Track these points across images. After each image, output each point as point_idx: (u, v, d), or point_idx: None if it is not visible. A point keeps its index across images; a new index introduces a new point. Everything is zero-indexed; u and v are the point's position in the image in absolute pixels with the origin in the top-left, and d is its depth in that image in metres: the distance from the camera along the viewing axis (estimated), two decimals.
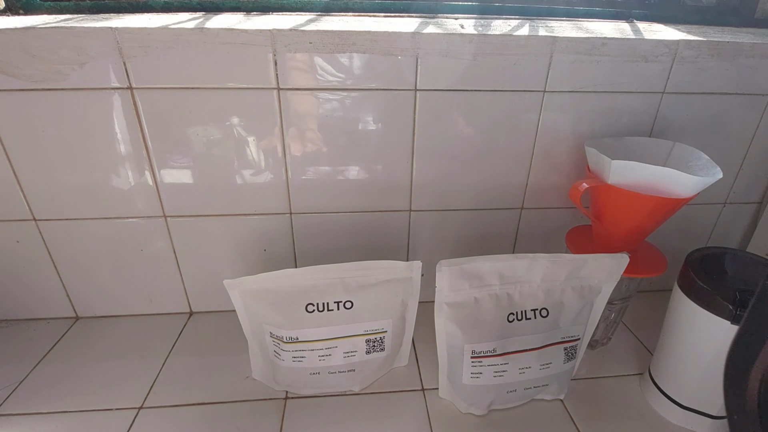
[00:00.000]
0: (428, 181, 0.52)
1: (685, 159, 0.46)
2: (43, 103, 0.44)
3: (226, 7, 0.50)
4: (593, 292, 0.44)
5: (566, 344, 0.44)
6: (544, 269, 0.42)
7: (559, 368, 0.45)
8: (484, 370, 0.43)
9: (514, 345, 0.43)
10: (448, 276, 0.41)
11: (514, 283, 0.42)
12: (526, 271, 0.42)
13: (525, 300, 0.43)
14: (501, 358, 0.43)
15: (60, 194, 0.48)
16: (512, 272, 0.42)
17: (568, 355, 0.45)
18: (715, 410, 0.42)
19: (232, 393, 0.46)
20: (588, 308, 0.45)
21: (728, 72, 0.49)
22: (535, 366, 0.44)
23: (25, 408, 0.44)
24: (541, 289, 0.43)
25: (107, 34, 0.41)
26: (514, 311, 0.43)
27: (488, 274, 0.42)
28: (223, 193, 0.50)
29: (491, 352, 0.43)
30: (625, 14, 0.55)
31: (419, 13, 0.52)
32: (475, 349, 0.43)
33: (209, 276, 0.55)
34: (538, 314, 0.43)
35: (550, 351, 0.44)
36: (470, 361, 0.43)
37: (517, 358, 0.43)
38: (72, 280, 0.54)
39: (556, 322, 0.44)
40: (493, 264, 0.41)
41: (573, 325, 0.44)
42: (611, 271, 0.43)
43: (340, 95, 0.46)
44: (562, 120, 0.50)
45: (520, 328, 0.43)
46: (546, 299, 0.43)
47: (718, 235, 0.61)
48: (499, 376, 0.43)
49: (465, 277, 0.41)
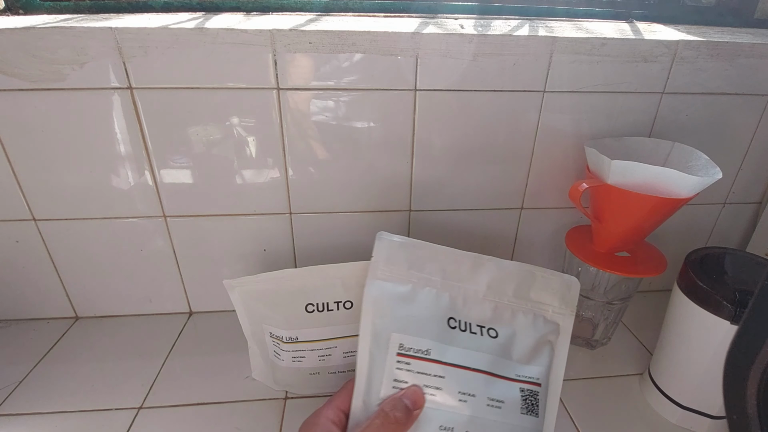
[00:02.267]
0: (428, 181, 0.52)
1: (685, 159, 0.46)
2: (42, 103, 0.44)
3: (225, 7, 0.50)
4: (549, 326, 0.38)
5: (523, 385, 0.36)
6: (489, 273, 0.37)
7: (515, 419, 0.34)
8: (412, 379, 0.33)
9: (455, 355, 0.34)
10: (387, 247, 0.36)
11: (457, 282, 0.37)
12: (471, 271, 0.37)
13: (470, 308, 0.37)
14: (437, 366, 0.34)
15: (60, 194, 0.48)
16: (455, 268, 0.37)
17: (527, 405, 0.35)
18: (715, 410, 0.42)
19: (232, 393, 0.46)
20: (548, 349, 0.38)
21: (728, 72, 0.49)
22: (482, 397, 0.34)
23: (24, 408, 0.44)
24: (488, 300, 0.37)
25: (107, 34, 0.41)
26: (457, 318, 0.36)
27: (429, 262, 0.36)
28: (222, 193, 0.50)
29: (424, 353, 0.34)
30: (624, 14, 0.55)
31: (419, 13, 0.52)
32: (405, 342, 0.34)
33: (209, 276, 0.55)
34: (486, 333, 0.36)
35: (502, 385, 0.35)
36: (395, 359, 0.33)
37: (458, 376, 0.34)
38: (72, 280, 0.54)
39: (508, 350, 0.36)
40: (435, 252, 0.37)
41: (530, 364, 0.36)
42: (563, 296, 0.38)
43: (340, 95, 0.46)
44: (562, 120, 0.50)
45: (464, 340, 0.35)
46: (494, 317, 0.37)
47: (717, 235, 0.61)
48: (430, 395, 0.33)
49: (405, 257, 0.36)
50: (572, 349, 0.53)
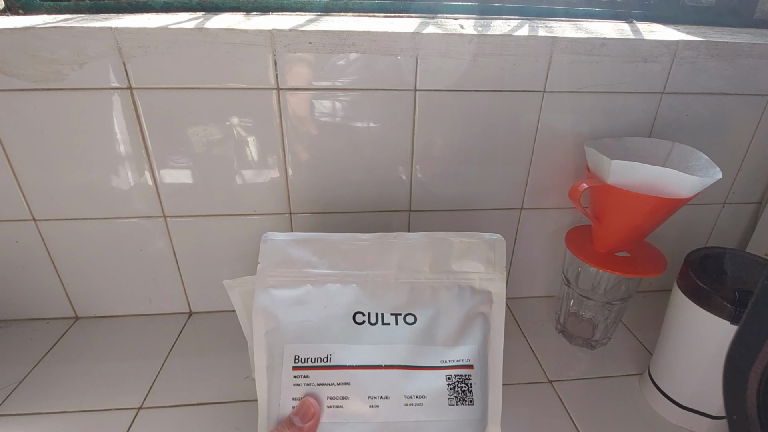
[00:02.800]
0: (428, 181, 0.52)
1: (685, 159, 0.46)
2: (42, 103, 0.44)
3: (225, 7, 0.50)
4: (479, 296, 0.33)
5: (450, 372, 0.31)
6: (399, 251, 0.33)
7: (443, 414, 0.30)
8: (312, 393, 0.30)
9: (362, 355, 0.30)
10: (275, 249, 0.33)
11: (364, 269, 0.33)
12: (378, 254, 0.33)
13: (381, 296, 0.33)
14: (339, 372, 0.30)
15: (59, 194, 0.48)
16: (360, 255, 0.33)
17: (457, 393, 0.30)
18: (715, 410, 0.42)
19: (232, 393, 0.46)
20: (480, 323, 0.33)
21: (728, 72, 0.49)
22: (397, 397, 0.29)
23: (24, 408, 0.44)
24: (402, 282, 0.33)
25: (107, 34, 0.41)
26: (365, 311, 0.32)
27: (327, 255, 0.33)
28: (222, 193, 0.50)
29: (323, 361, 0.30)
30: (624, 14, 0.55)
31: (419, 14, 0.52)
32: (300, 352, 0.30)
33: (209, 276, 0.55)
34: (402, 320, 0.32)
35: (422, 378, 0.30)
36: (291, 375, 0.30)
37: (367, 379, 0.30)
38: (71, 280, 0.54)
39: (430, 335, 0.32)
40: (333, 242, 0.33)
41: (458, 345, 0.32)
42: (488, 259, 0.34)
43: (340, 95, 0.46)
44: (562, 120, 0.50)
45: (374, 335, 0.31)
46: (411, 300, 0.33)
47: (717, 235, 0.61)
48: (336, 407, 0.29)
49: (298, 255, 0.33)
50: (572, 349, 0.54)
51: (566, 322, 0.55)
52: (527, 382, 0.48)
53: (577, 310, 0.53)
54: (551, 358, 0.52)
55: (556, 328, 0.57)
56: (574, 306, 0.53)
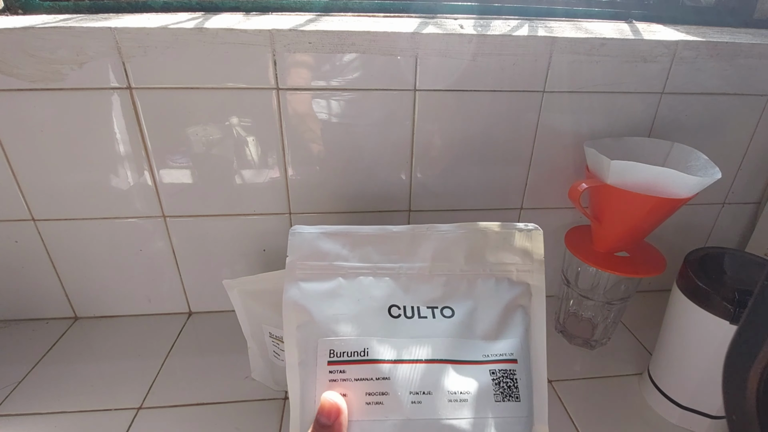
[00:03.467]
0: (427, 182, 0.52)
1: (684, 159, 0.46)
2: (41, 103, 0.44)
3: (225, 7, 0.50)
4: (517, 289, 0.32)
5: (494, 366, 0.29)
6: (433, 243, 0.32)
7: (489, 411, 0.28)
8: (351, 390, 0.28)
9: (400, 349, 0.29)
10: (304, 242, 0.32)
11: (397, 262, 0.32)
12: (410, 246, 0.32)
13: (416, 289, 0.31)
14: (377, 367, 0.28)
15: (59, 194, 0.48)
16: (391, 246, 0.32)
17: (503, 389, 0.29)
18: (714, 410, 0.42)
19: (232, 393, 0.46)
20: (520, 316, 0.32)
21: (727, 72, 0.49)
22: (440, 393, 0.28)
23: (23, 408, 0.44)
24: (437, 274, 0.32)
25: (106, 34, 0.41)
26: (401, 304, 0.31)
27: (358, 248, 0.32)
28: (222, 193, 0.50)
29: (361, 355, 0.28)
30: (624, 14, 0.55)
31: (418, 14, 0.52)
32: (335, 347, 0.29)
33: (208, 276, 0.55)
34: (439, 313, 0.31)
35: (466, 372, 0.29)
36: (327, 371, 0.28)
37: (407, 373, 0.28)
38: (71, 280, 0.54)
39: (469, 328, 0.31)
40: (364, 235, 0.32)
41: (500, 339, 0.31)
42: (525, 250, 0.32)
43: (340, 95, 0.46)
44: (561, 120, 0.50)
45: (412, 328, 0.30)
46: (447, 293, 0.32)
47: (717, 235, 0.61)
48: (376, 404, 0.27)
49: (328, 249, 0.32)
50: (572, 349, 0.54)
51: (566, 321, 0.55)
52: None
53: (577, 309, 0.53)
54: (551, 357, 0.51)
55: (555, 328, 0.57)
56: (573, 306, 0.53)
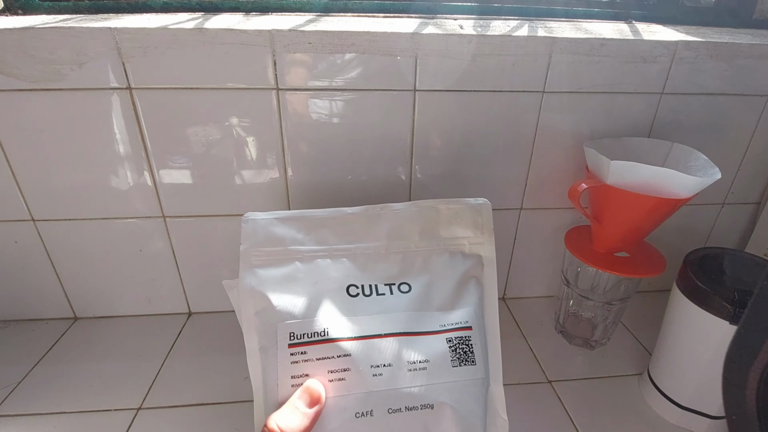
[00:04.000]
0: (427, 182, 0.52)
1: (684, 159, 0.46)
2: (41, 104, 0.44)
3: (225, 7, 0.50)
4: (470, 261, 0.34)
5: (449, 335, 0.31)
6: (387, 222, 0.33)
7: (447, 376, 0.30)
8: (312, 369, 0.28)
9: (360, 326, 0.30)
10: (258, 229, 0.33)
11: (353, 243, 0.33)
12: (365, 227, 0.33)
13: (373, 268, 0.32)
14: (339, 345, 0.29)
15: (58, 194, 0.48)
16: (347, 228, 0.33)
17: (459, 354, 0.30)
18: (714, 410, 0.42)
19: (231, 393, 0.46)
20: (473, 286, 0.33)
21: (727, 73, 0.49)
22: (400, 364, 0.29)
23: (23, 409, 0.44)
24: (393, 252, 0.33)
25: (106, 35, 0.41)
26: (358, 283, 0.31)
27: (314, 231, 0.33)
28: (222, 193, 0.50)
29: (320, 335, 0.29)
30: (623, 15, 0.55)
31: (418, 14, 0.52)
32: (295, 329, 0.29)
33: (208, 276, 0.55)
34: (397, 289, 0.32)
35: (423, 343, 0.30)
36: (288, 353, 0.29)
37: (368, 349, 0.29)
38: (70, 280, 0.54)
39: (426, 301, 0.32)
40: (319, 218, 0.33)
41: (456, 309, 0.32)
42: (476, 223, 0.34)
43: (339, 95, 0.46)
44: (561, 120, 0.50)
45: (370, 305, 0.31)
46: (404, 269, 0.33)
47: (716, 235, 0.61)
48: (339, 380, 0.28)
49: (283, 234, 0.32)
50: (572, 349, 0.54)
51: (566, 322, 0.55)
52: (526, 382, 0.48)
53: (577, 310, 0.53)
54: (550, 358, 0.52)
55: (555, 328, 0.57)
56: (573, 306, 0.53)
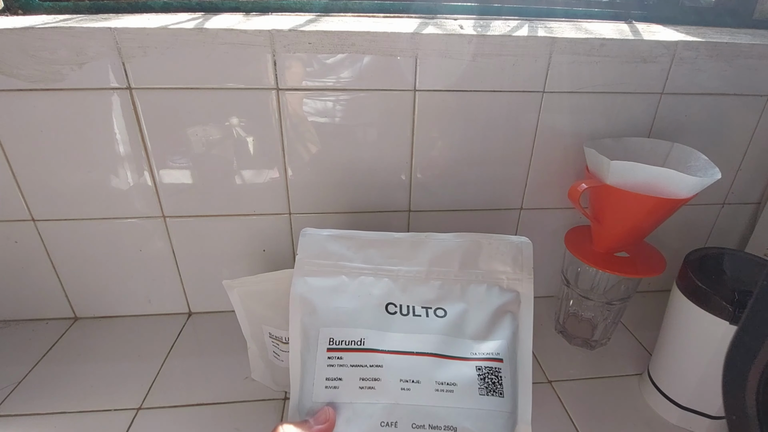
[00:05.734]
0: (427, 182, 0.52)
1: (684, 159, 0.46)
2: (41, 104, 0.44)
3: (225, 7, 0.50)
4: (507, 296, 0.35)
5: (480, 363, 0.31)
6: (430, 250, 0.35)
7: (473, 402, 0.30)
8: (346, 374, 0.30)
9: (394, 342, 0.31)
10: (313, 243, 0.35)
11: (396, 266, 0.35)
12: (409, 252, 0.35)
13: (412, 291, 0.34)
14: (372, 355, 0.31)
15: (58, 194, 0.48)
16: (392, 251, 0.35)
17: (487, 384, 0.31)
18: (714, 410, 0.42)
19: (231, 393, 0.46)
20: (508, 321, 0.34)
21: (727, 73, 0.49)
22: (428, 383, 0.30)
23: (23, 409, 0.44)
24: (432, 278, 0.35)
25: (106, 35, 0.41)
26: (397, 303, 0.33)
27: (361, 251, 0.35)
28: (222, 193, 0.50)
29: (357, 344, 0.31)
30: (623, 15, 0.55)
31: (418, 14, 0.52)
32: (335, 335, 0.31)
33: (208, 276, 0.55)
34: (432, 313, 0.33)
35: (453, 367, 0.31)
36: (326, 356, 0.31)
37: (399, 363, 0.31)
38: (70, 280, 0.54)
39: (459, 328, 0.33)
40: (367, 239, 0.35)
41: (488, 340, 0.33)
42: (515, 260, 0.35)
43: (339, 95, 0.46)
44: (561, 120, 0.50)
45: (406, 324, 0.33)
46: (441, 296, 0.34)
47: (716, 235, 0.61)
48: (368, 388, 0.30)
49: (334, 250, 0.35)
50: (572, 349, 0.54)
51: (566, 322, 0.55)
52: None
53: (577, 310, 0.53)
54: (551, 358, 0.52)
55: (555, 328, 0.57)
56: (573, 306, 0.53)
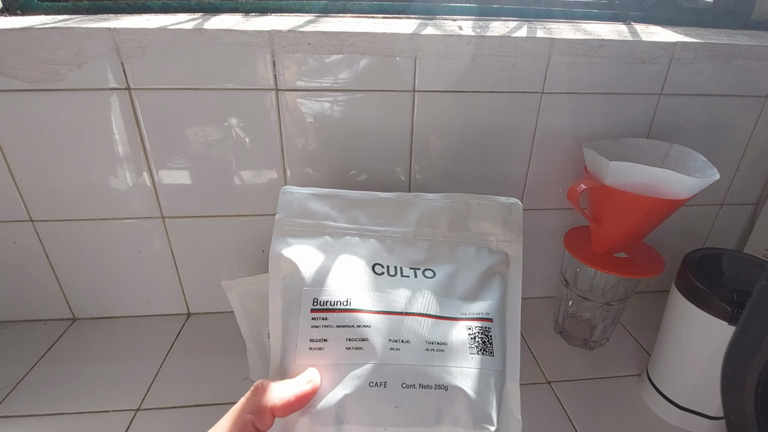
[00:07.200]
0: (427, 182, 0.52)
1: (683, 160, 0.46)
2: (40, 104, 0.44)
3: (224, 8, 0.50)
4: (496, 257, 0.34)
5: (471, 323, 0.31)
6: (418, 210, 0.34)
7: (464, 361, 0.29)
8: (332, 335, 0.29)
9: (382, 302, 0.30)
10: (293, 202, 0.34)
11: (383, 226, 0.34)
12: (396, 212, 0.34)
13: (399, 251, 0.33)
14: (359, 315, 0.29)
15: (57, 195, 0.48)
16: (379, 211, 0.34)
17: (478, 343, 0.30)
18: (713, 411, 0.42)
19: (231, 394, 0.46)
20: (497, 281, 0.34)
21: (725, 74, 0.50)
22: (418, 342, 0.29)
23: (22, 410, 0.44)
24: (420, 239, 0.34)
25: (105, 35, 0.41)
26: (384, 263, 0.32)
27: (347, 210, 0.34)
28: (221, 193, 0.50)
29: (343, 304, 0.29)
30: (622, 16, 0.55)
31: (417, 15, 0.52)
32: (319, 296, 0.30)
33: (207, 277, 0.55)
34: (421, 274, 0.32)
35: (443, 326, 0.30)
36: (310, 317, 0.29)
37: (388, 323, 0.29)
38: (69, 281, 0.54)
39: (449, 288, 0.32)
40: (353, 199, 0.34)
41: (478, 300, 0.32)
42: (505, 221, 0.35)
43: (339, 96, 0.46)
44: (560, 121, 0.50)
45: (393, 284, 0.31)
46: (430, 256, 0.33)
47: (715, 236, 0.61)
48: (355, 349, 0.28)
49: (317, 209, 0.34)
50: (571, 349, 0.54)
51: (565, 322, 0.55)
52: (526, 383, 0.48)
53: (576, 310, 0.53)
54: (550, 358, 0.52)
55: (554, 329, 0.57)
56: (572, 307, 0.53)
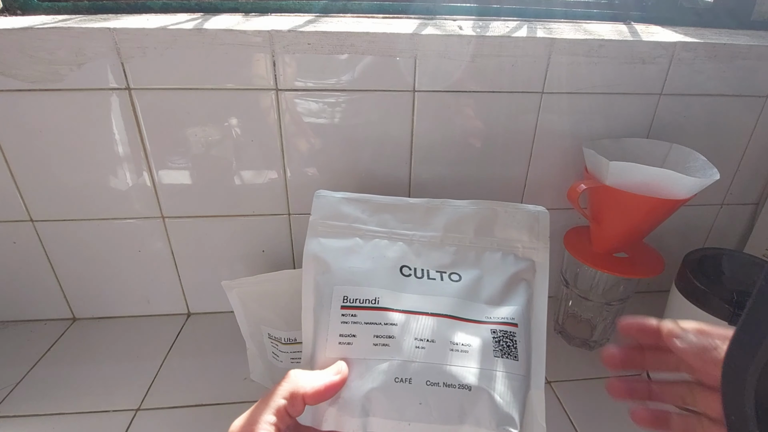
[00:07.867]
0: (426, 183, 0.52)
1: (683, 160, 0.46)
2: (40, 104, 0.44)
3: (224, 8, 0.50)
4: (522, 264, 0.35)
5: (495, 327, 0.31)
6: (445, 216, 0.36)
7: (488, 363, 0.30)
8: (360, 331, 0.30)
9: (409, 302, 0.31)
10: (327, 205, 0.35)
11: (411, 230, 0.35)
12: (424, 217, 0.36)
13: (427, 255, 0.34)
14: (387, 314, 0.31)
15: (57, 195, 0.48)
16: (407, 216, 0.35)
17: (502, 347, 0.31)
18: None
19: (231, 394, 0.46)
20: (523, 288, 0.34)
21: (725, 74, 0.50)
22: (443, 342, 0.30)
23: (21, 410, 0.44)
24: (447, 244, 0.35)
25: (105, 35, 0.41)
26: (411, 266, 0.33)
27: (377, 214, 0.35)
28: (221, 193, 0.50)
29: (371, 303, 0.31)
30: (622, 16, 0.55)
31: (418, 15, 0.52)
32: (349, 294, 0.31)
33: (207, 277, 0.55)
34: (447, 277, 0.33)
35: (468, 328, 0.31)
36: (339, 314, 0.31)
37: (414, 322, 0.30)
38: (69, 281, 0.54)
39: (475, 292, 0.33)
40: (383, 203, 0.36)
41: (503, 305, 0.33)
42: (531, 229, 0.35)
43: (339, 96, 0.46)
44: (560, 121, 0.50)
45: (420, 286, 0.32)
46: (456, 261, 0.34)
47: (715, 236, 0.61)
48: (382, 345, 0.30)
49: (348, 212, 0.35)
50: (571, 350, 0.54)
51: (565, 322, 0.55)
52: None
53: (576, 310, 0.53)
54: (550, 358, 0.51)
55: (554, 329, 0.57)
56: (572, 307, 0.53)
